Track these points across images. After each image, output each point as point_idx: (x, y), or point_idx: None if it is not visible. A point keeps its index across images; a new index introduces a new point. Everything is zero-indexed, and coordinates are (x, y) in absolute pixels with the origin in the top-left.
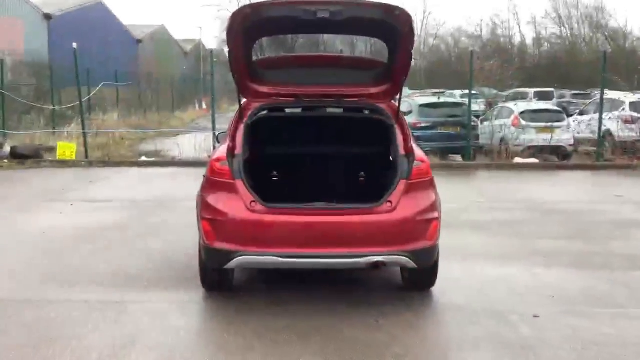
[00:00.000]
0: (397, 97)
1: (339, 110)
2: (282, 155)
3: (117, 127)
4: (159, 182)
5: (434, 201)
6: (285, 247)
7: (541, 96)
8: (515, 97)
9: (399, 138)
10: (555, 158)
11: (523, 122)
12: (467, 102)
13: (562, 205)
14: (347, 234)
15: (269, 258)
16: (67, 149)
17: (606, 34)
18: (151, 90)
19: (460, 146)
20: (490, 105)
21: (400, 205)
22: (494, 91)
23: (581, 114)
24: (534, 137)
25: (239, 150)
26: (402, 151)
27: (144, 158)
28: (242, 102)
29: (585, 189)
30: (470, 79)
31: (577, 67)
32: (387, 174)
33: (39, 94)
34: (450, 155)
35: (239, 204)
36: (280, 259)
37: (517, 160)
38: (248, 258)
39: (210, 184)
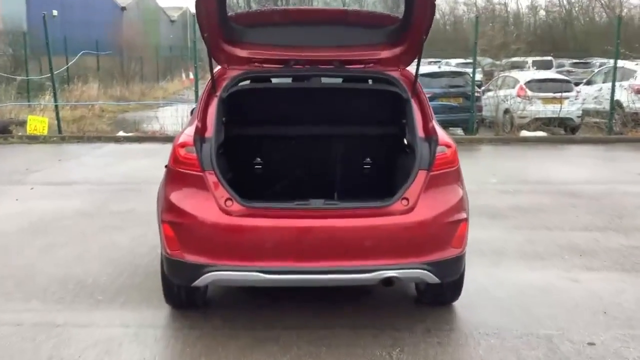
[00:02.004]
0: (415, 63)
1: (339, 81)
2: (266, 138)
3: (97, 99)
4: (135, 160)
5: (462, 197)
6: (270, 259)
7: (540, 65)
8: (513, 67)
9: (417, 116)
10: (562, 131)
11: (529, 92)
12: (467, 71)
13: (583, 187)
14: (351, 242)
15: (250, 275)
16: (38, 123)
17: (602, 1)
18: (134, 60)
19: (461, 119)
20: (487, 75)
21: (419, 204)
22: (489, 60)
23: (588, 83)
24: (541, 108)
25: (210, 132)
26: (420, 133)
27: (121, 133)
28: (214, 70)
29: (604, 166)
30: (474, 46)
31: (574, 35)
32: (402, 163)
33: (16, 63)
34: (449, 128)
35: (209, 203)
36: (265, 276)
37: (524, 133)
38: (222, 274)
39: (173, 177)
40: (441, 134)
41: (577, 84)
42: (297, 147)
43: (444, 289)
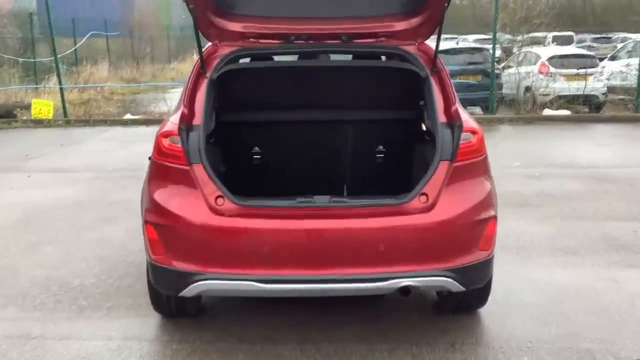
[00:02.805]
0: (435, 36)
1: (348, 58)
2: (264, 125)
3: (107, 81)
4: (140, 145)
5: (490, 192)
6: (268, 266)
7: (560, 41)
8: (532, 43)
9: (437, 97)
10: (585, 109)
11: (552, 69)
12: (487, 47)
13: (614, 170)
14: (361, 246)
15: (245, 284)
16: (43, 106)
17: None
18: (145, 40)
19: (480, 97)
20: (505, 52)
21: (440, 201)
22: (507, 36)
23: (612, 59)
24: (565, 85)
25: (198, 119)
26: (441, 117)
27: (129, 116)
28: (203, 48)
29: (634, 147)
30: (494, 20)
31: (593, 9)
32: (420, 153)
33: (25, 45)
34: (467, 107)
35: (197, 202)
36: (262, 286)
37: (547, 112)
38: (213, 284)
39: (157, 171)
40: (465, 118)
41: (600, 60)
42: (299, 135)
43: (468, 296)
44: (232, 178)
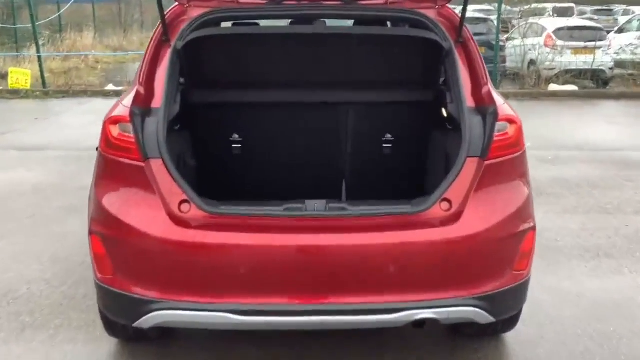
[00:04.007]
0: None
1: (350, 23)
2: (245, 108)
3: (92, 49)
4: None
5: (528, 196)
6: (247, 294)
7: (560, 12)
8: (531, 14)
9: (464, 75)
10: (592, 84)
11: (558, 42)
12: (491, 18)
13: (634, 154)
14: (366, 268)
15: (217, 316)
16: (20, 75)
17: None
18: (134, 6)
19: None
20: (504, 23)
21: (468, 209)
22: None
23: (620, 31)
24: (571, 59)
25: (158, 100)
26: (469, 101)
27: (111, 86)
28: (167, 10)
29: None
30: None
31: None
32: (440, 146)
33: (8, 10)
34: None
35: (154, 208)
36: (238, 318)
37: (553, 87)
38: (175, 315)
39: (105, 168)
40: (500, 103)
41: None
42: (289, 120)
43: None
44: (204, 175)
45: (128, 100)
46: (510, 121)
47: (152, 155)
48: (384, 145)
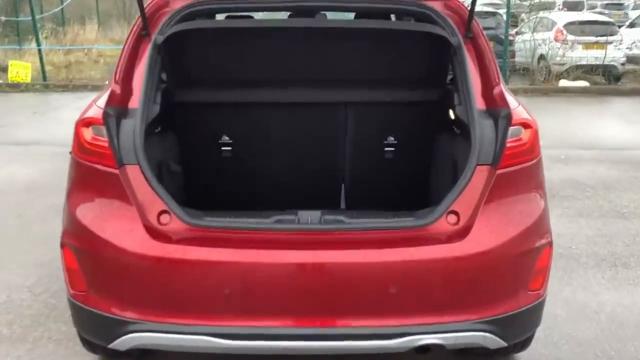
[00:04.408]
0: None
1: (350, 17)
2: (234, 108)
3: (94, 42)
4: None
5: (544, 209)
6: (232, 316)
7: (570, 6)
8: (541, 8)
9: (473, 74)
10: (602, 80)
11: (569, 36)
12: (500, 12)
13: None
14: (365, 287)
15: (198, 340)
16: (21, 69)
17: None
18: None
19: None
20: (514, 17)
21: (478, 223)
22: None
23: (631, 26)
24: (582, 54)
25: (136, 100)
26: (479, 103)
27: None
28: (147, 2)
29: None
30: None
31: None
32: (446, 150)
33: (13, 3)
34: None
35: (130, 220)
36: (222, 342)
37: (563, 83)
38: (153, 337)
39: (78, 174)
40: (514, 105)
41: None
42: (283, 121)
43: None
44: (190, 182)
45: (102, 100)
46: (525, 125)
47: (128, 161)
48: (385, 148)
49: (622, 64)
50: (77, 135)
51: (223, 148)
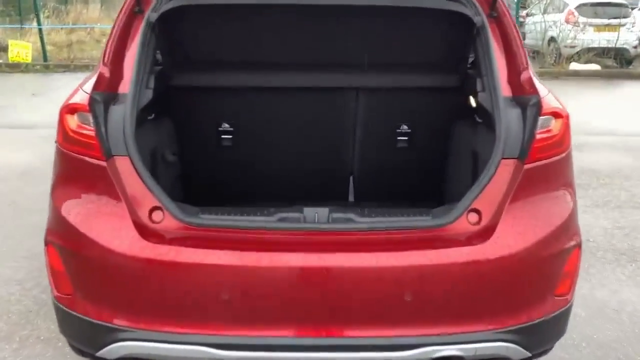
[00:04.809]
0: None
1: None
2: (235, 93)
3: (97, 22)
4: None
5: (574, 208)
6: (231, 324)
7: None
8: None
9: (498, 57)
10: (613, 63)
11: (580, 18)
12: None
13: None
14: (377, 294)
15: (193, 350)
16: (21, 49)
17: None
18: None
19: None
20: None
21: (503, 223)
22: None
23: None
24: (594, 36)
25: (126, 84)
26: (505, 90)
27: None
28: None
29: None
30: None
31: None
32: (466, 141)
33: None
34: None
35: (119, 217)
36: (220, 353)
37: (574, 66)
38: (145, 346)
39: (63, 166)
40: (544, 92)
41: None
42: (288, 107)
43: None
44: (187, 173)
45: (89, 84)
46: (556, 115)
47: (117, 152)
48: (398, 138)
49: (635, 47)
50: (61, 124)
51: (223, 136)
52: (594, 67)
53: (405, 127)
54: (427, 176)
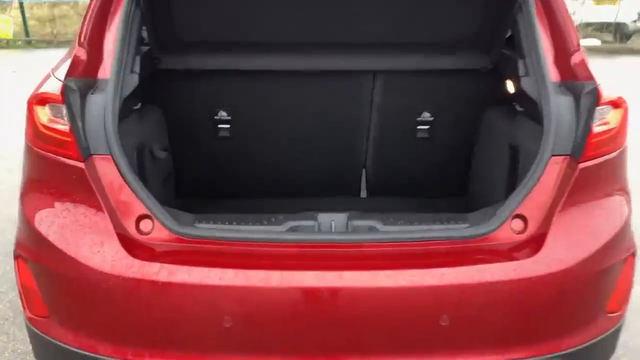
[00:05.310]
0: None
1: None
2: (234, 77)
3: None
4: None
5: (630, 213)
6: (234, 356)
7: None
8: None
9: (543, 36)
10: (612, 38)
11: None
12: None
13: None
14: (408, 319)
15: None
16: (1, 24)
17: None
18: None
19: None
20: None
21: (554, 231)
22: None
23: None
24: (593, 10)
25: (106, 69)
26: (553, 74)
27: None
28: None
29: None
30: None
31: None
32: (503, 134)
33: None
34: None
35: (99, 228)
36: None
37: None
38: None
39: (34, 167)
40: (599, 78)
41: None
42: (293, 93)
43: None
44: (179, 170)
45: (63, 69)
46: (615, 105)
47: (97, 151)
48: (418, 127)
49: (634, 21)
50: (30, 117)
51: (220, 126)
52: (594, 42)
53: (427, 114)
54: (450, 171)
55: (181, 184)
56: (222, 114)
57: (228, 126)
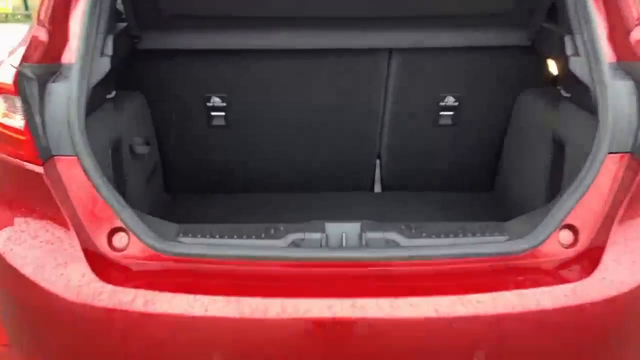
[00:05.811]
0: None
1: None
2: (228, 58)
3: None
4: None
5: None
6: None
7: None
8: None
9: (595, 10)
10: None
11: None
12: None
13: None
14: (437, 354)
15: None
16: None
17: None
18: None
19: None
20: None
21: (613, 244)
22: None
23: None
24: None
25: (72, 52)
26: (610, 55)
27: None
28: None
29: None
30: None
31: None
32: (542, 123)
33: None
34: None
35: (62, 245)
36: None
37: None
38: None
39: None
40: None
41: None
42: (297, 76)
43: None
44: (163, 166)
45: (18, 54)
46: None
47: (59, 151)
48: (441, 112)
49: None
50: None
51: (213, 113)
52: None
53: (451, 99)
54: (475, 163)
55: (172, 178)
56: (216, 100)
57: (223, 114)
